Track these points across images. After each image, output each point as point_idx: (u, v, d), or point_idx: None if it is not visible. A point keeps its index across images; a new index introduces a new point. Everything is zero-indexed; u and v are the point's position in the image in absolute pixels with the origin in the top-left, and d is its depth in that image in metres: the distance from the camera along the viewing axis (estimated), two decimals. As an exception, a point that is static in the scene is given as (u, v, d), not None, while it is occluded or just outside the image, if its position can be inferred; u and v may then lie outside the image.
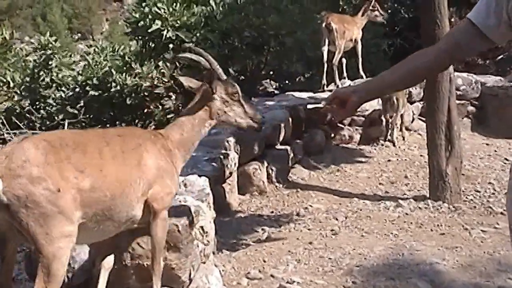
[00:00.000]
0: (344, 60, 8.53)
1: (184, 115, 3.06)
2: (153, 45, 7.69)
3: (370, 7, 8.57)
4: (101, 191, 2.55)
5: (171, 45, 7.49)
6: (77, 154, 2.51)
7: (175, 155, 2.97)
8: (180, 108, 7.19)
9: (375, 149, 7.92)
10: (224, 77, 3.06)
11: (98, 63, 8.19)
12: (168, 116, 7.37)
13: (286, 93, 8.43)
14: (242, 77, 8.35)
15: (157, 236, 2.80)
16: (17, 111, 8.14)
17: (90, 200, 2.49)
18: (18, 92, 8.28)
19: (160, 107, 7.43)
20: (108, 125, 7.79)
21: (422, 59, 2.02)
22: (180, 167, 3.02)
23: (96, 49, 8.59)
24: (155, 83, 7.33)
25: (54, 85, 8.27)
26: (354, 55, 8.60)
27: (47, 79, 8.27)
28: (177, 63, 7.02)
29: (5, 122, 7.55)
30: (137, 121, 7.94)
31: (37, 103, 8.27)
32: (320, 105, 7.49)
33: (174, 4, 7.50)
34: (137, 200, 2.73)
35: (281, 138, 6.86)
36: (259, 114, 3.13)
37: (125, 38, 9.91)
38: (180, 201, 3.32)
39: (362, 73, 8.61)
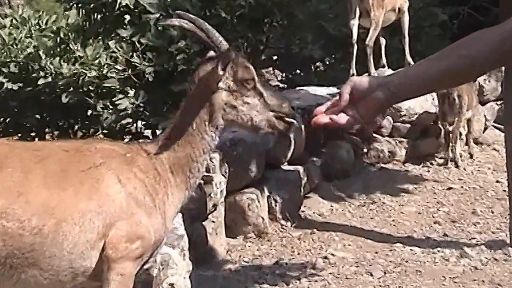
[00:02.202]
0: (383, 40, 8.68)
1: (175, 119, 3.13)
2: (101, 17, 7.79)
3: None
4: (17, 221, 2.66)
5: (127, 17, 7.58)
6: None
7: (165, 181, 3.04)
8: (141, 109, 7.27)
9: (428, 171, 8.06)
10: (231, 54, 3.07)
11: (17, 42, 8.25)
12: (123, 122, 7.52)
13: (297, 88, 8.50)
14: None
15: None
16: None
17: None
18: None
19: (112, 107, 7.51)
20: (34, 134, 7.88)
21: (482, 43, 1.93)
22: (178, 199, 3.08)
23: (15, 21, 8.63)
24: (104, 72, 7.43)
25: None
26: (398, 32, 8.75)
27: None
28: (136, 43, 7.14)
29: None
30: (76, 127, 8.02)
31: None
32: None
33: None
34: (89, 245, 2.82)
35: (289, 155, 6.96)
36: (287, 104, 3.14)
37: (59, 6, 9.91)
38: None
39: (409, 58, 8.76)
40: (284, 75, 10.40)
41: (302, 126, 7.20)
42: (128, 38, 7.32)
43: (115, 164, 2.93)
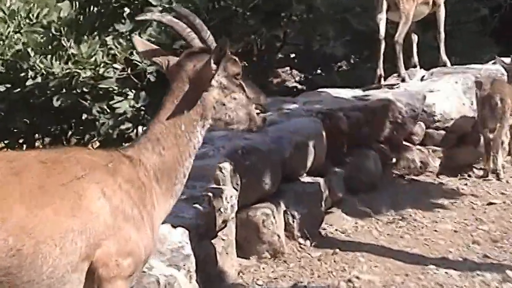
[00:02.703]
0: (414, 36, 8.68)
1: (161, 119, 3.19)
2: (97, 10, 7.89)
3: None
4: None
5: (126, 10, 7.70)
6: None
7: (151, 190, 3.08)
8: (142, 113, 7.25)
9: (465, 184, 8.01)
10: (225, 48, 3.19)
11: (5, 38, 8.30)
12: (122, 127, 7.56)
13: (318, 90, 8.51)
14: (245, 63, 8.41)
15: None
16: None
17: None
18: None
19: (109, 111, 7.56)
20: (22, 140, 7.86)
21: None
22: (163, 209, 3.13)
23: (2, 14, 8.67)
24: (101, 72, 7.46)
25: None
26: (432, 27, 8.76)
27: None
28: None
29: None
30: (69, 134, 8.05)
31: None
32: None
33: None
34: (70, 267, 2.84)
35: (308, 165, 6.96)
36: (263, 96, 3.36)
37: (51, -2, 10.11)
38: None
39: (444, 57, 8.76)
40: (303, 75, 10.37)
41: (323, 133, 7.20)
42: (127, 33, 7.39)
43: (98, 175, 2.96)
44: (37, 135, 8.11)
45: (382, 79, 8.38)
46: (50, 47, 7.82)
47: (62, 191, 2.86)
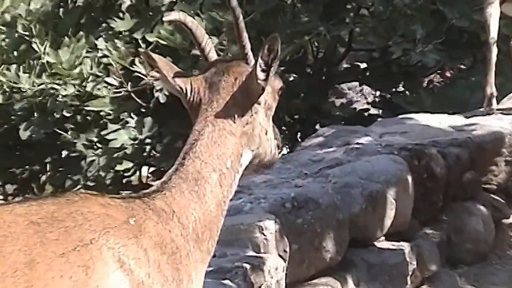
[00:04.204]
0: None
1: (196, 152, 3.19)
2: (83, 0, 7.92)
3: None
4: None
5: (125, 0, 7.73)
6: None
7: (188, 256, 3.08)
8: (148, 148, 7.26)
9: None
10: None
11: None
12: (119, 168, 7.51)
13: (401, 116, 8.51)
14: (295, 75, 8.47)
15: None
16: None
17: None
18: None
19: (101, 145, 7.56)
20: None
21: None
22: (201, 280, 3.17)
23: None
24: (89, 88, 7.43)
25: None
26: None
27: None
28: (140, 42, 7.33)
29: None
30: (43, 178, 7.96)
31: None
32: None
33: None
34: None
35: (387, 224, 6.93)
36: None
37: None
38: None
39: None
40: (378, 94, 10.35)
41: (409, 178, 7.17)
42: (126, 33, 7.41)
43: (115, 238, 2.93)
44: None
45: (494, 100, 8.27)
46: (15, 53, 7.85)
47: (61, 265, 2.80)
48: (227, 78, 3.27)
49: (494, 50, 8.09)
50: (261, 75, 3.20)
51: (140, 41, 7.25)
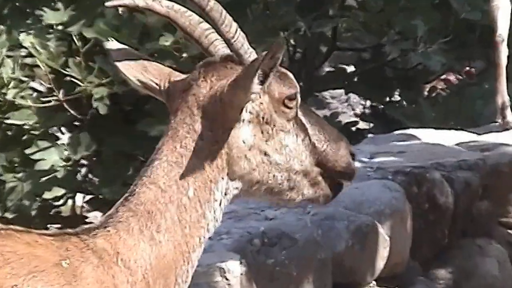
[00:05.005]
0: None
1: (153, 178, 3.13)
2: None
3: None
4: None
5: None
6: None
7: None
8: (86, 173, 7.48)
9: None
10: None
11: None
12: (48, 196, 7.40)
13: (396, 131, 8.57)
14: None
15: None
16: None
17: None
18: None
19: (25, 168, 7.42)
20: None
21: None
22: None
23: None
24: (10, 96, 7.25)
25: None
26: None
27: None
28: (75, 38, 7.18)
29: None
30: None
31: None
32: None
33: None
34: None
35: (380, 267, 6.90)
36: (345, 149, 3.35)
37: None
38: None
39: None
40: (368, 104, 10.37)
41: (407, 209, 7.25)
42: (59, 27, 7.31)
43: (42, 285, 2.89)
44: None
45: (509, 111, 8.29)
46: None
47: None
48: (200, 83, 3.21)
49: (505, 51, 8.15)
50: (255, 84, 3.13)
51: (75, 38, 7.15)
